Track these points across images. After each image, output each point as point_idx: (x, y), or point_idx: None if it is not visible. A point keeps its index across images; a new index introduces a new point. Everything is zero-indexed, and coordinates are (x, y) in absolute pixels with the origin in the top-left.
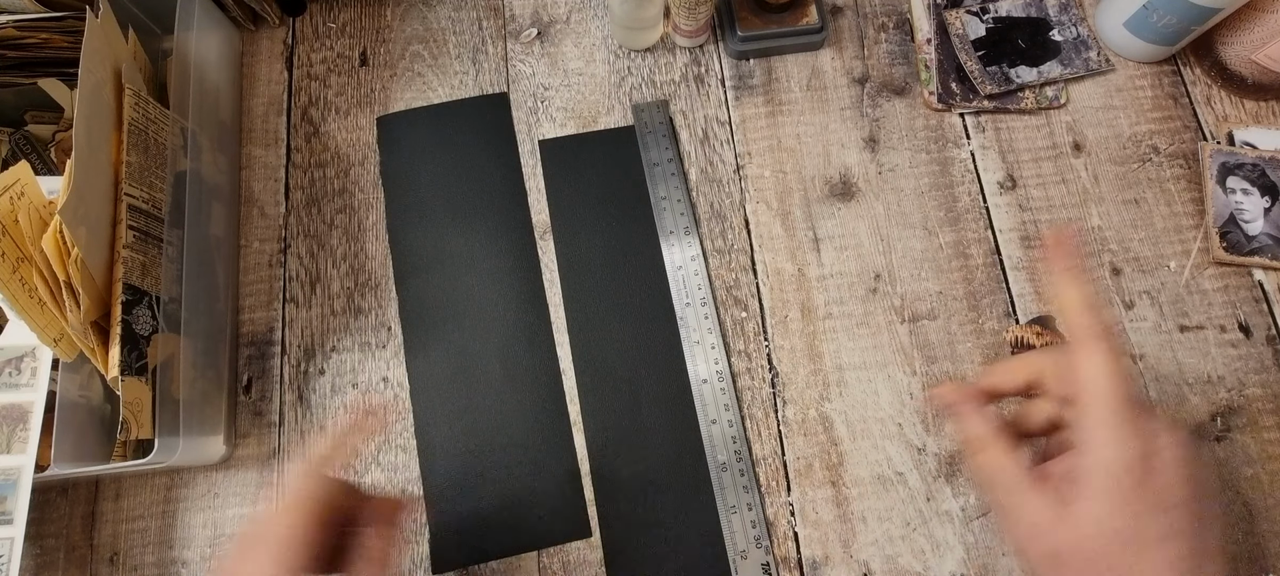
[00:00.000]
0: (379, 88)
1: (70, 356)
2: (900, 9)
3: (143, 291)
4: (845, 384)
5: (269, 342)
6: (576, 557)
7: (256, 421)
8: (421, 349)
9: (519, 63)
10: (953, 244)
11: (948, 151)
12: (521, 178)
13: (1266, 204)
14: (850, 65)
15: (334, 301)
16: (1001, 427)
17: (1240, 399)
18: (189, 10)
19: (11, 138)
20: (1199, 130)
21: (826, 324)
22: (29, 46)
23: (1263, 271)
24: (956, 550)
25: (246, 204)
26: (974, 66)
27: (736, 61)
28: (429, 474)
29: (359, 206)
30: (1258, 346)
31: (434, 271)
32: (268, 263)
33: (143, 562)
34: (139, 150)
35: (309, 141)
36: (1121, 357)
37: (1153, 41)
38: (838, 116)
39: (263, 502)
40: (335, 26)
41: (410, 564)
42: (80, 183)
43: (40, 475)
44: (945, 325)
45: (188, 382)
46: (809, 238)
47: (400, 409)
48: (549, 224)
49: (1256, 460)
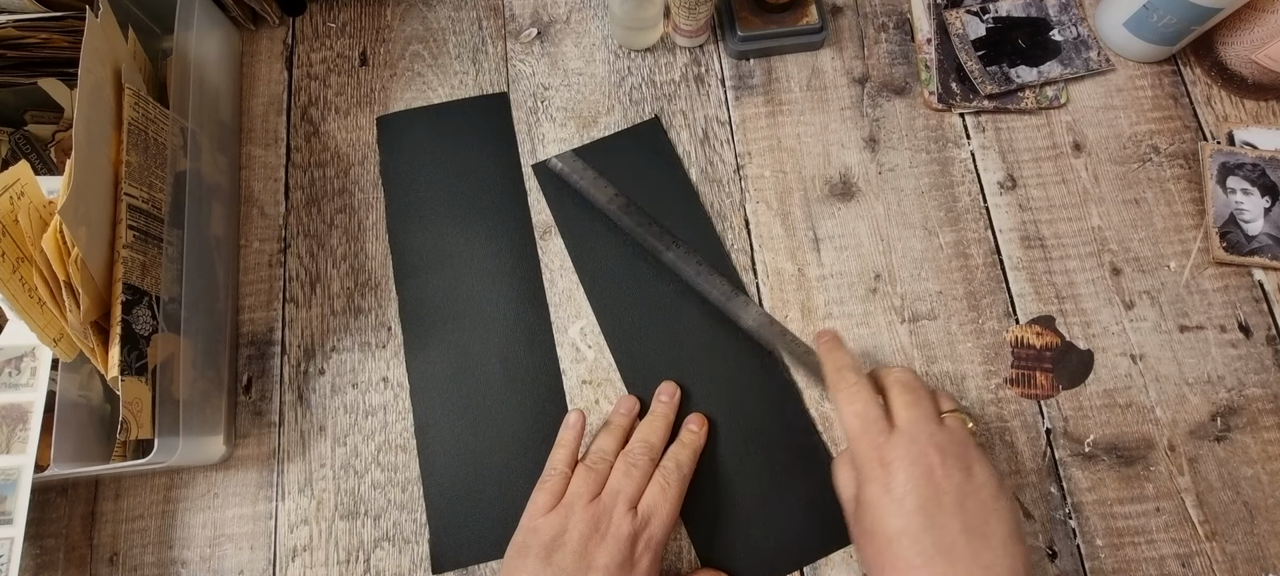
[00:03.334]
0: (379, 87)
1: (70, 356)
2: (900, 9)
3: (143, 291)
4: None
5: (269, 342)
6: None
7: (256, 421)
8: (421, 349)
9: (519, 63)
10: (953, 244)
11: (948, 151)
12: (521, 177)
13: (1266, 204)
14: (850, 65)
15: (334, 301)
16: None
17: (1240, 399)
18: (189, 10)
19: (11, 138)
20: (1199, 130)
21: (826, 324)
22: (29, 46)
23: (1263, 271)
24: None
25: (246, 204)
26: (974, 66)
27: (736, 61)
28: (429, 474)
29: (359, 206)
30: (1258, 346)
31: (434, 271)
32: (268, 263)
33: (143, 562)
34: (139, 150)
35: (309, 141)
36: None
37: (1153, 41)
38: (838, 116)
39: (262, 503)
40: (335, 26)
41: (410, 563)
42: (80, 183)
43: (40, 475)
44: (945, 325)
45: (188, 382)
46: (809, 238)
47: (400, 409)
48: (549, 224)
49: (1256, 460)
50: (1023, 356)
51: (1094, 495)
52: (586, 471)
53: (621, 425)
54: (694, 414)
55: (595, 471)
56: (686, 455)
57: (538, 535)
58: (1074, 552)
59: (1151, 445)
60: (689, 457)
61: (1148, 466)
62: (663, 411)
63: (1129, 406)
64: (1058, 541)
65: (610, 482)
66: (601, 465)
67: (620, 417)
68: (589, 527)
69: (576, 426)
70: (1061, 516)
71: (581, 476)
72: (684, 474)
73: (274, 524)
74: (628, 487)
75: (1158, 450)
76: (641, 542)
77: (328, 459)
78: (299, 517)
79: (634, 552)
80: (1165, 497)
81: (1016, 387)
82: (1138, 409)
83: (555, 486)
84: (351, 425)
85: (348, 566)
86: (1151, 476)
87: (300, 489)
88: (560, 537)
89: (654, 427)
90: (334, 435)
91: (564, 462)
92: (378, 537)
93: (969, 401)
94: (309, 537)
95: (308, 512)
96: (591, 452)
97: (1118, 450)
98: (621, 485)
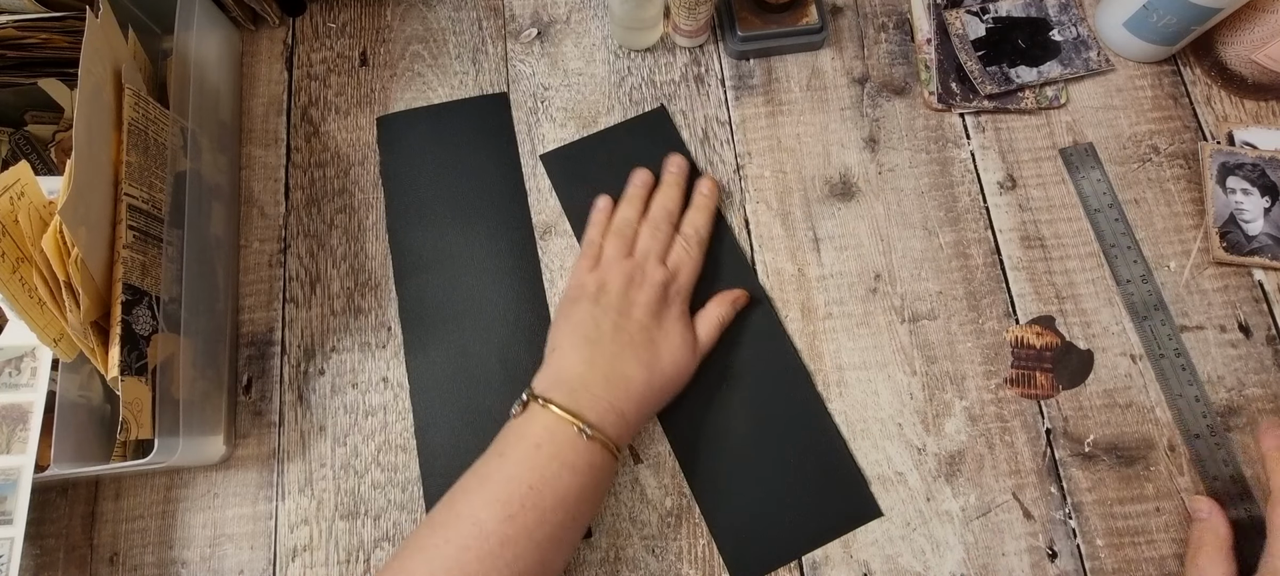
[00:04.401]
0: (379, 88)
1: (70, 356)
2: (900, 9)
3: (143, 291)
4: (845, 384)
5: (269, 342)
6: (576, 556)
7: (256, 421)
8: (421, 349)
9: (519, 63)
10: (953, 244)
11: (948, 151)
12: (521, 177)
13: (1266, 204)
14: (850, 65)
15: (334, 301)
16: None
17: (1240, 399)
18: (189, 10)
19: (11, 138)
20: (1199, 130)
21: (826, 324)
22: (29, 46)
23: (1263, 271)
24: (956, 550)
25: (246, 204)
26: (974, 66)
27: (736, 61)
28: (429, 474)
29: (359, 206)
30: (1258, 346)
31: (434, 271)
32: (268, 263)
33: (143, 562)
34: (139, 150)
35: (309, 141)
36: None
37: (1153, 41)
38: (838, 116)
39: (262, 503)
40: (335, 26)
41: None
42: (80, 183)
43: (40, 475)
44: (945, 325)
45: (188, 382)
46: (809, 238)
47: (400, 409)
48: (549, 224)
49: (1257, 460)
50: (1023, 356)
51: (1094, 495)
52: (616, 237)
53: (640, 195)
54: (703, 177)
55: (623, 237)
56: (702, 218)
57: (584, 288)
58: (1074, 552)
59: (1151, 445)
60: (705, 220)
61: (1148, 466)
62: (674, 180)
63: (1129, 406)
64: (1058, 541)
65: (639, 244)
66: (627, 231)
67: (637, 188)
68: (627, 278)
69: (605, 209)
70: (1061, 516)
71: (612, 242)
72: (702, 235)
73: (274, 524)
74: (655, 247)
75: (1158, 450)
76: (672, 289)
77: (328, 459)
78: (299, 517)
79: (666, 295)
80: (1165, 497)
81: (1016, 387)
82: (1138, 409)
83: (593, 253)
84: (351, 425)
85: (348, 566)
86: (1151, 476)
87: (300, 489)
88: (604, 287)
89: (670, 195)
90: (334, 435)
91: (599, 233)
92: (378, 537)
93: (969, 401)
94: (309, 537)
95: (308, 512)
96: (616, 221)
97: (1118, 450)
98: (649, 245)
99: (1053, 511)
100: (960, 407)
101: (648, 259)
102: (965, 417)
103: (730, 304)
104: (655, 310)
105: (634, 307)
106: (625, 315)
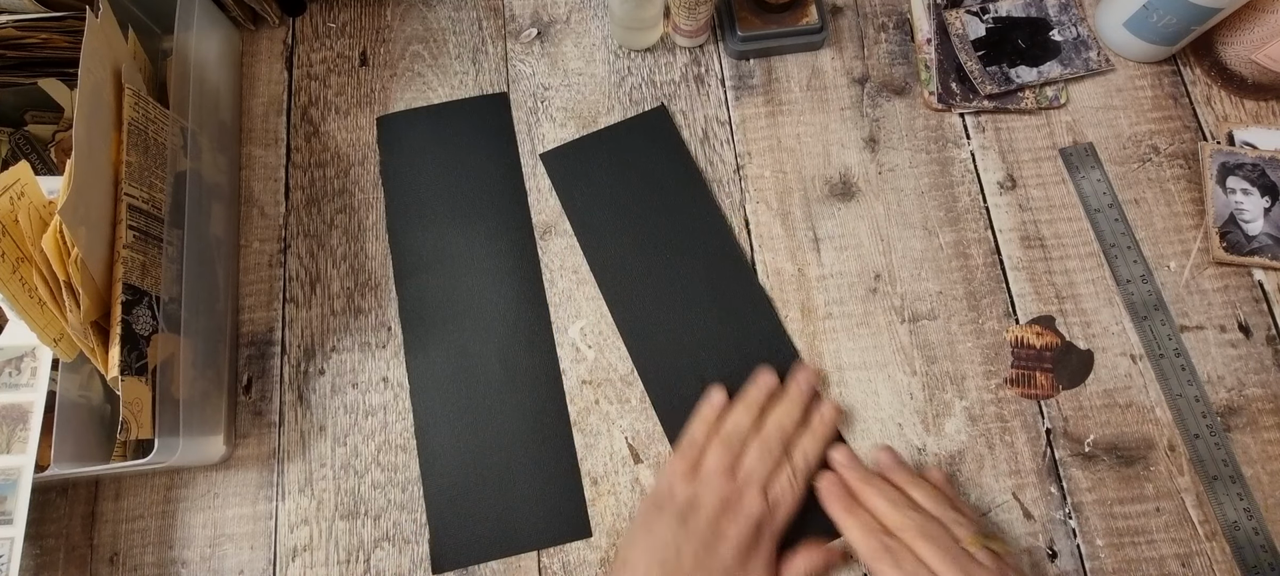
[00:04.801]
0: (379, 88)
1: (70, 356)
2: (900, 9)
3: (143, 291)
4: (845, 384)
5: (269, 342)
6: (576, 558)
7: (256, 421)
8: (421, 349)
9: (519, 63)
10: (953, 244)
11: (948, 151)
12: (521, 177)
13: (1266, 204)
14: (850, 65)
15: (334, 301)
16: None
17: (1240, 399)
18: (189, 10)
19: (11, 138)
20: (1199, 130)
21: (826, 324)
22: (29, 46)
23: (1263, 271)
24: None
25: (246, 204)
26: (974, 66)
27: (736, 61)
28: (429, 474)
29: (359, 206)
30: (1258, 346)
31: (434, 271)
32: (268, 263)
33: (143, 562)
34: (139, 150)
35: (309, 141)
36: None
37: (1153, 41)
38: (838, 116)
39: (262, 503)
40: (335, 26)
41: (410, 563)
42: (80, 183)
43: (40, 475)
44: (945, 325)
45: (188, 382)
46: (809, 238)
47: (400, 409)
48: (549, 224)
49: (1256, 460)
50: (1023, 356)
51: (1094, 495)
52: (722, 447)
53: (757, 401)
54: (827, 402)
55: (730, 448)
56: (816, 449)
57: (674, 498)
58: (1074, 552)
59: (1151, 445)
60: (816, 451)
61: (1148, 466)
62: (799, 397)
63: (1129, 406)
64: (1058, 541)
65: (746, 463)
66: (736, 442)
67: (757, 392)
68: (722, 503)
69: (718, 404)
70: (1061, 516)
71: (717, 451)
72: (811, 467)
73: (274, 524)
74: (760, 471)
75: (1157, 450)
76: (767, 527)
77: (328, 459)
78: (299, 517)
79: (759, 535)
80: (1165, 497)
81: (1016, 387)
82: (1138, 409)
83: (693, 456)
84: (351, 425)
85: (348, 566)
86: (1151, 476)
87: (300, 489)
88: (695, 504)
89: (788, 413)
90: (334, 435)
91: (703, 435)
92: (378, 537)
93: (969, 401)
94: (309, 537)
95: (308, 512)
96: (727, 428)
97: (1118, 450)
98: (755, 469)
99: (1053, 511)
100: (960, 408)
101: (749, 485)
102: (965, 418)
103: (823, 559)
104: (745, 550)
105: (722, 542)
106: (711, 550)
